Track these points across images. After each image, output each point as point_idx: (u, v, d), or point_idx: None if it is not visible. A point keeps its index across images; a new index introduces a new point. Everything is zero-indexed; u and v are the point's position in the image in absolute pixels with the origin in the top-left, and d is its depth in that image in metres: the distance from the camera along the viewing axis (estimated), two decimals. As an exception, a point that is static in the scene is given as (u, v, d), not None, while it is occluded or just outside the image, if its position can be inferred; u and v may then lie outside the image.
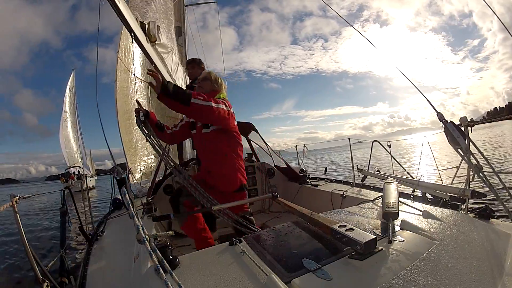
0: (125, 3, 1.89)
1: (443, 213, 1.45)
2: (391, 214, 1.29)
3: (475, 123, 1.76)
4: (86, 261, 1.76)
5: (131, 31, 1.97)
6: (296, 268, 0.97)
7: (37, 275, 1.30)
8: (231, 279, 0.95)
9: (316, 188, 2.87)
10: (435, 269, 0.95)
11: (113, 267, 1.65)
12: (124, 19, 1.88)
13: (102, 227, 2.58)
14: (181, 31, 4.86)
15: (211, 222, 2.41)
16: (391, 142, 3.06)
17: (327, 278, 0.90)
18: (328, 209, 1.99)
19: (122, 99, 3.74)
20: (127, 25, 1.93)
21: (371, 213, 1.58)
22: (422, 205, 1.60)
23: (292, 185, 3.30)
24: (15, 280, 4.16)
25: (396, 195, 1.49)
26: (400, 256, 1.01)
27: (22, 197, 1.60)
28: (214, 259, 1.09)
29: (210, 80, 2.04)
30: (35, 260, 1.33)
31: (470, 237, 1.24)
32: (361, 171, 2.73)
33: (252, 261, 1.02)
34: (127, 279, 1.30)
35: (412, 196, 1.93)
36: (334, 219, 1.48)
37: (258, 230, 1.57)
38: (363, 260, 0.96)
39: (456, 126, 1.55)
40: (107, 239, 2.24)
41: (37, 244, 6.08)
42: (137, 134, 4.17)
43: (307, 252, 1.09)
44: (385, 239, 1.10)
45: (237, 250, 1.14)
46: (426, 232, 1.20)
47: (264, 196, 1.78)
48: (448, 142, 1.57)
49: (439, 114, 1.62)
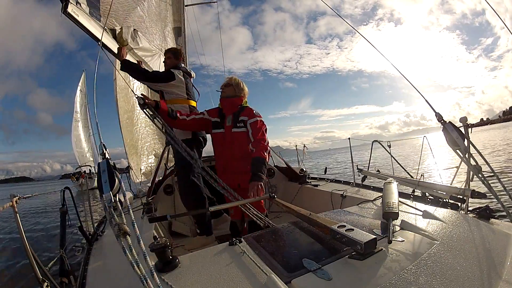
0: (86, 14, 1.95)
1: (443, 213, 1.45)
2: (391, 214, 1.29)
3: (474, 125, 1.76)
4: (86, 261, 1.76)
5: (97, 40, 2.06)
6: (296, 268, 0.97)
7: (37, 275, 1.30)
8: (231, 279, 0.95)
9: (316, 188, 2.87)
10: (435, 269, 0.95)
11: (113, 267, 1.65)
12: (87, 30, 1.95)
13: (102, 227, 2.58)
14: (181, 32, 4.85)
15: (207, 225, 2.41)
16: (406, 141, 3.08)
17: (327, 278, 0.90)
18: (328, 209, 1.99)
19: (122, 98, 3.75)
20: (91, 35, 2.01)
21: (371, 213, 1.58)
22: (422, 205, 1.60)
23: (292, 185, 3.30)
24: (15, 280, 4.16)
25: (396, 195, 1.49)
26: (400, 256, 1.01)
27: (22, 197, 1.60)
28: (214, 259, 1.09)
29: (232, 86, 2.23)
30: (35, 260, 1.33)
31: (470, 237, 1.24)
32: (361, 171, 2.73)
33: (252, 261, 1.02)
34: (127, 279, 1.30)
35: (412, 196, 1.93)
36: (334, 219, 1.48)
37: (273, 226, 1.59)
38: (363, 260, 0.96)
39: (455, 127, 1.55)
40: (107, 239, 2.23)
41: (43, 243, 6.09)
42: (137, 134, 4.17)
43: (307, 252, 1.09)
44: (385, 239, 1.10)
45: (237, 250, 1.14)
46: (426, 232, 1.20)
47: (262, 197, 1.78)
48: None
49: (438, 115, 1.62)
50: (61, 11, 1.73)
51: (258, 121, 2.10)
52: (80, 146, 28.79)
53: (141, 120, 4.20)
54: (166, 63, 2.67)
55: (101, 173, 0.99)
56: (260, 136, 2.05)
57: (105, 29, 2.23)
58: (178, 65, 2.60)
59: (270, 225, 1.60)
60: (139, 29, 3.13)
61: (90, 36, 2.06)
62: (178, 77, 2.42)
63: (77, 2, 1.86)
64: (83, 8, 1.94)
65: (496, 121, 2.42)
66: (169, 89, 2.42)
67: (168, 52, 2.69)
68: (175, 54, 2.66)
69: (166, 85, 2.41)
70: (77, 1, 1.86)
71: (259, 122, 2.10)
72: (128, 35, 2.58)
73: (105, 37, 2.22)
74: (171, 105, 2.31)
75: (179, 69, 2.52)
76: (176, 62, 2.61)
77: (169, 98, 2.42)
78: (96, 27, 2.10)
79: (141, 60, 3.12)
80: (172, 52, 2.68)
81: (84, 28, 1.95)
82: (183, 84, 2.46)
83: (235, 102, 2.19)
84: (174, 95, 2.43)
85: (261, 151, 1.97)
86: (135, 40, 2.82)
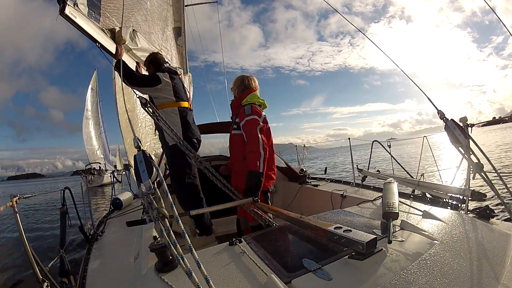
0: (83, 16, 1.95)
1: (443, 213, 1.45)
2: (391, 214, 1.29)
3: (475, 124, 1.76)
4: (86, 261, 1.76)
5: (95, 42, 2.08)
6: (296, 268, 0.97)
7: (37, 275, 1.30)
8: (231, 279, 0.95)
9: (316, 188, 2.87)
10: (435, 269, 0.95)
11: (113, 267, 1.65)
12: (85, 32, 1.96)
13: (102, 227, 2.58)
14: (181, 31, 4.85)
15: (207, 225, 2.40)
16: (416, 140, 3.10)
17: (327, 278, 0.89)
18: (328, 209, 1.99)
19: (122, 97, 3.75)
20: (89, 36, 2.02)
21: (371, 213, 1.58)
22: (422, 205, 1.60)
23: (292, 185, 3.30)
24: (15, 280, 4.16)
25: (396, 195, 1.49)
26: (400, 256, 1.01)
27: (22, 197, 1.60)
28: (214, 259, 1.09)
29: (233, 87, 2.22)
30: (35, 260, 1.33)
31: (470, 237, 1.24)
32: (361, 171, 2.73)
33: (252, 261, 1.02)
34: (127, 279, 1.30)
35: (412, 196, 1.93)
36: (334, 219, 1.48)
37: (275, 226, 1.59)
38: (363, 260, 0.96)
39: (457, 124, 1.55)
40: (107, 239, 2.24)
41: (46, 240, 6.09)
42: (138, 134, 4.17)
43: (307, 252, 1.09)
44: (385, 239, 1.10)
45: (237, 250, 1.14)
46: (426, 232, 1.20)
47: (243, 201, 1.75)
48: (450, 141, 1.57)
49: (440, 112, 1.62)
50: (58, 13, 1.72)
51: (247, 122, 1.97)
52: (90, 143, 29.44)
53: (141, 120, 4.20)
54: (149, 73, 2.60)
55: (138, 164, 1.05)
56: (250, 140, 1.93)
57: (103, 30, 2.23)
58: (161, 67, 2.53)
59: (271, 224, 1.60)
60: (141, 29, 3.13)
61: (88, 38, 2.05)
62: (164, 80, 2.35)
63: (74, 4, 1.85)
64: (81, 9, 1.94)
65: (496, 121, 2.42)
66: (157, 93, 2.36)
67: (146, 62, 2.63)
68: (153, 62, 2.60)
69: (154, 90, 2.34)
70: (75, 3, 1.85)
71: (247, 123, 1.97)
72: (126, 35, 2.57)
73: (104, 38, 2.21)
74: (161, 110, 2.27)
75: (163, 71, 2.46)
76: (158, 68, 2.54)
77: (158, 103, 2.36)
78: (94, 29, 2.09)
79: (140, 62, 3.12)
80: (149, 61, 2.62)
81: (82, 30, 1.95)
82: (169, 86, 2.39)
83: (235, 104, 2.18)
84: (162, 99, 2.37)
85: (251, 163, 1.87)
86: (134, 41, 2.81)
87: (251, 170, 1.86)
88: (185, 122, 2.42)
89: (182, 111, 2.44)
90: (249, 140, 1.93)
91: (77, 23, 1.87)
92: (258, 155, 1.86)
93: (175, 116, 2.38)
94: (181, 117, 2.41)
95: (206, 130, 3.68)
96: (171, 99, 2.40)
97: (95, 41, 2.07)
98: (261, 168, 1.86)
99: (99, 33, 2.15)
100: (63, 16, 1.75)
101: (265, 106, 2.13)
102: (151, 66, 2.60)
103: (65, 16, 1.75)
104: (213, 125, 3.70)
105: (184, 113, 2.44)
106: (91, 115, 29.44)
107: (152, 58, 2.63)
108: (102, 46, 2.15)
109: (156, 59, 2.61)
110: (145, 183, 0.99)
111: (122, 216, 2.81)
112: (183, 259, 0.81)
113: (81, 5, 1.94)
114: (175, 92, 2.43)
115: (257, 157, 1.86)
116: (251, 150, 1.89)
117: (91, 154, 29.24)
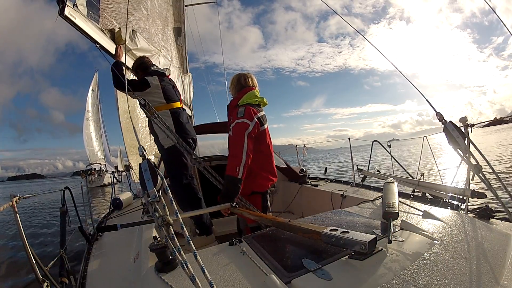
0: (83, 17, 1.96)
1: (443, 213, 1.45)
2: (391, 214, 1.29)
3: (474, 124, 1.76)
4: (86, 261, 1.76)
5: (95, 42, 2.09)
6: (296, 268, 0.97)
7: (37, 275, 1.30)
8: (231, 279, 0.95)
9: (316, 188, 2.88)
10: (435, 269, 0.95)
11: (113, 267, 1.65)
12: (85, 33, 1.97)
13: None
14: (181, 31, 4.86)
15: (206, 225, 2.40)
16: (429, 139, 3.11)
17: (327, 278, 0.89)
18: (328, 209, 1.99)
19: (122, 97, 3.75)
20: (89, 37, 2.02)
21: (371, 213, 1.58)
22: (422, 205, 1.60)
23: (292, 185, 3.30)
24: (15, 280, 4.16)
25: (396, 195, 1.49)
26: (400, 256, 1.01)
27: (22, 197, 1.60)
28: (214, 259, 1.09)
29: (230, 87, 2.15)
30: (35, 260, 1.33)
31: (470, 237, 1.24)
32: (361, 171, 2.74)
33: (252, 261, 1.02)
34: (127, 279, 1.30)
35: (412, 196, 1.93)
36: (334, 219, 1.48)
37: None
38: (363, 260, 0.96)
39: (456, 126, 1.55)
40: (107, 239, 2.24)
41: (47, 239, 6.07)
42: (138, 134, 4.17)
43: (307, 252, 1.09)
44: (385, 239, 1.10)
45: (237, 250, 1.14)
46: (426, 232, 1.20)
47: (223, 205, 1.73)
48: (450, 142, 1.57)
49: (439, 114, 1.62)
50: (58, 14, 1.72)
51: (236, 124, 1.88)
52: (91, 144, 29.69)
53: (141, 120, 4.20)
54: (137, 78, 2.58)
55: (143, 172, 1.08)
56: (234, 143, 1.85)
57: (103, 31, 2.24)
58: (149, 70, 2.52)
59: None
60: (140, 29, 3.13)
61: (87, 38, 2.06)
62: (153, 83, 2.35)
63: (74, 4, 1.85)
64: (81, 10, 1.94)
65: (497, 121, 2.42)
66: (147, 97, 2.31)
67: (134, 68, 2.62)
68: (141, 66, 2.58)
69: (144, 94, 2.32)
70: (74, 3, 1.85)
71: (236, 126, 1.87)
72: (126, 35, 2.58)
73: (103, 38, 2.22)
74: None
75: (151, 74, 2.45)
76: (145, 71, 2.52)
77: None
78: (93, 29, 2.10)
79: None
80: (136, 67, 2.60)
81: (81, 30, 1.95)
82: (159, 89, 2.39)
83: (232, 104, 2.11)
84: (153, 103, 2.33)
85: (229, 167, 1.80)
86: (134, 41, 2.82)
87: (228, 175, 1.77)
88: (178, 123, 2.41)
89: (174, 112, 2.43)
90: (233, 143, 1.86)
91: (77, 23, 1.88)
92: (239, 160, 1.77)
93: (168, 118, 2.37)
94: (173, 118, 2.40)
95: (204, 131, 3.68)
96: (161, 101, 2.40)
97: (95, 41, 2.08)
98: (240, 174, 1.76)
99: (99, 34, 2.16)
100: (62, 17, 1.75)
101: (264, 104, 2.06)
102: (139, 72, 2.59)
103: (64, 16, 1.76)
104: (211, 125, 3.69)
105: (176, 114, 2.44)
106: (91, 116, 29.63)
107: (139, 63, 2.62)
108: (101, 47, 2.16)
109: (142, 63, 2.61)
110: (150, 192, 1.01)
111: (122, 216, 2.81)
112: (187, 265, 0.82)
113: (81, 6, 1.95)
114: (165, 94, 2.42)
115: (237, 162, 1.77)
116: (232, 154, 1.82)
117: (92, 155, 29.47)
